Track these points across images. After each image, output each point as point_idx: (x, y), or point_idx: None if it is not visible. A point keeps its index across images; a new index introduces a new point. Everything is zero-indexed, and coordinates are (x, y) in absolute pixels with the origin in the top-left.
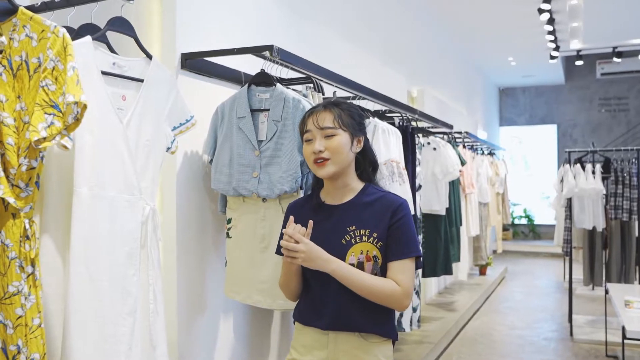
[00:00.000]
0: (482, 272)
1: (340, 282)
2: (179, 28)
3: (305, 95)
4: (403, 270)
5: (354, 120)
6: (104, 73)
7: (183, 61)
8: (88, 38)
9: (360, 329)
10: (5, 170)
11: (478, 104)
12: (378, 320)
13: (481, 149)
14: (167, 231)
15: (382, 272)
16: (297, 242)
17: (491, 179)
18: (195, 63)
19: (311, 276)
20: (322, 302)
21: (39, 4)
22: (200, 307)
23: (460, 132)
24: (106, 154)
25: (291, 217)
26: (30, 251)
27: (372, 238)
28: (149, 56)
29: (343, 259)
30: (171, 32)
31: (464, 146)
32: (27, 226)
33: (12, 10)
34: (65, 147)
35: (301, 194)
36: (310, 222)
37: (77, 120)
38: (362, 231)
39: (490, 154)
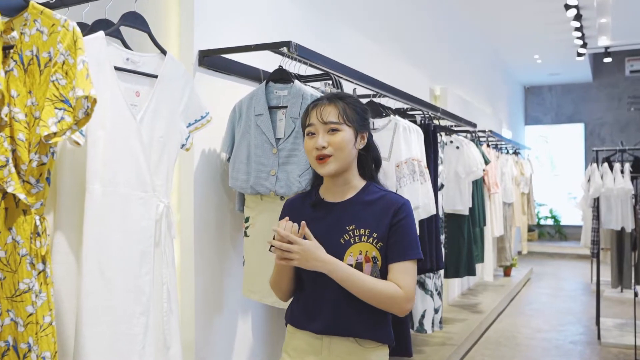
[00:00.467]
0: (507, 273)
1: (339, 284)
2: (196, 25)
3: (323, 92)
4: (405, 272)
5: (358, 116)
6: (117, 69)
7: (200, 58)
8: (101, 33)
9: (355, 334)
10: (16, 166)
11: (503, 103)
12: (374, 325)
13: (505, 148)
14: (184, 230)
15: (381, 274)
16: (290, 242)
17: (516, 178)
18: (213, 60)
19: (306, 277)
20: (316, 305)
21: (54, 0)
22: (218, 306)
23: (484, 131)
24: (119, 151)
25: (286, 217)
26: (40, 248)
27: (371, 238)
28: (163, 52)
29: (341, 259)
30: (189, 29)
31: (488, 145)
32: (38, 223)
33: (24, 5)
34: (77, 143)
35: None
36: (303, 222)
37: (88, 115)
38: (362, 231)
39: (515, 153)
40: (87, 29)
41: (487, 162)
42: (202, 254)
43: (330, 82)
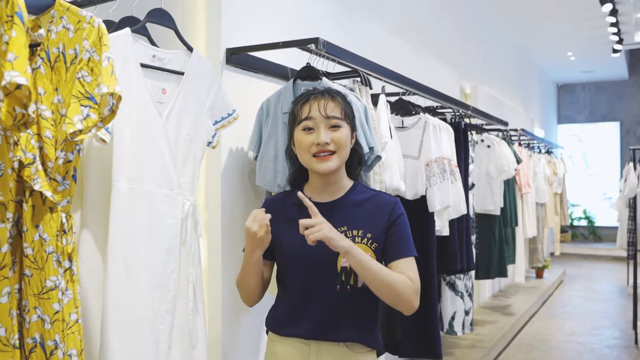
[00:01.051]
0: (539, 274)
1: (354, 267)
2: (223, 23)
3: (352, 90)
4: (411, 267)
5: (352, 114)
6: (143, 66)
7: (228, 56)
8: (127, 30)
9: (346, 338)
10: (43, 163)
11: (535, 101)
12: (364, 329)
13: (538, 147)
14: (212, 229)
15: None
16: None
17: (549, 178)
18: (241, 58)
19: (291, 280)
20: (304, 309)
21: None
22: (245, 308)
23: (515, 130)
24: (145, 148)
25: (266, 230)
26: (67, 246)
27: (366, 239)
28: (190, 48)
29: (335, 262)
30: (216, 27)
31: (520, 144)
32: (64, 220)
33: (51, 2)
34: (103, 140)
35: None
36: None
37: (113, 112)
38: (355, 232)
39: (548, 152)
40: (113, 27)
41: (518, 161)
42: (229, 253)
43: (358, 79)
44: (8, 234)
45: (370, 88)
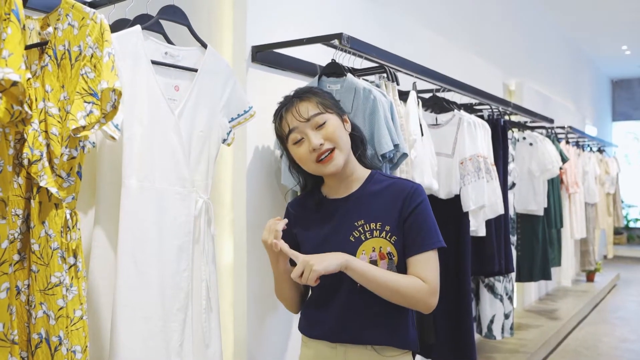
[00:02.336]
0: (590, 278)
1: (357, 279)
2: (249, 21)
3: (378, 86)
4: (427, 264)
5: (331, 101)
6: (155, 63)
7: (254, 54)
8: (137, 27)
9: (372, 341)
10: (49, 160)
11: (587, 98)
12: (392, 329)
13: (589, 145)
14: (237, 227)
15: (399, 271)
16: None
17: (600, 177)
18: (266, 56)
19: (314, 286)
20: (327, 311)
21: None
22: (271, 305)
23: (562, 127)
24: (156, 145)
25: (275, 235)
26: (71, 242)
27: (384, 232)
28: (204, 45)
29: None
30: (242, 25)
31: (567, 142)
32: (69, 217)
33: (54, 4)
34: (112, 137)
35: None
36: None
37: (115, 108)
38: (373, 225)
39: (600, 151)
40: (128, 24)
41: (565, 160)
42: (254, 252)
43: (384, 74)
44: (19, 230)
45: (397, 84)
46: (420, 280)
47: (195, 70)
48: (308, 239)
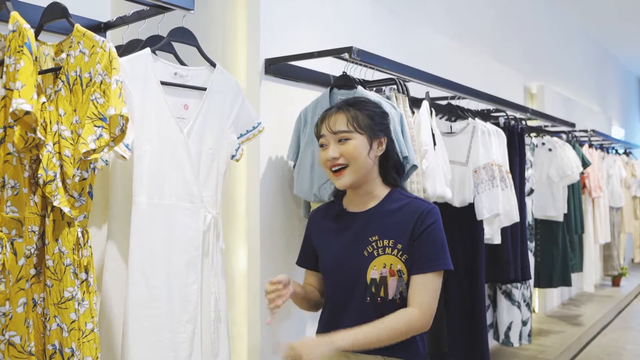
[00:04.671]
0: (616, 283)
1: (354, 350)
2: (262, 34)
3: (388, 98)
4: (425, 287)
5: (372, 121)
6: (165, 83)
7: (267, 67)
8: (147, 50)
9: (380, 351)
10: (62, 181)
11: (613, 99)
12: (403, 342)
13: (614, 148)
14: (251, 236)
15: (408, 287)
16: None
17: (626, 181)
18: (279, 68)
19: (328, 288)
20: (338, 319)
21: (115, 19)
22: (286, 312)
23: (585, 131)
24: (166, 163)
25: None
26: (83, 259)
27: (396, 250)
28: (213, 64)
29: (364, 273)
30: (255, 38)
31: (591, 145)
32: (80, 235)
33: (70, 28)
34: (123, 157)
35: None
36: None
37: (123, 132)
38: (386, 242)
39: (626, 153)
40: (141, 44)
41: (587, 164)
42: (268, 261)
43: (394, 86)
44: (35, 246)
45: (408, 95)
46: (412, 310)
47: (204, 89)
48: (326, 251)
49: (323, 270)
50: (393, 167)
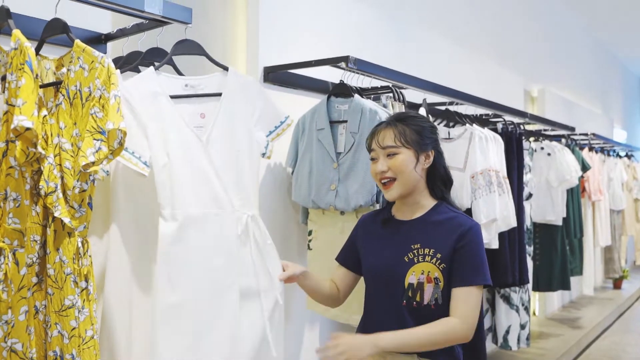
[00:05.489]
0: (617, 285)
1: (394, 350)
2: (261, 42)
3: (385, 106)
4: (466, 299)
5: (419, 136)
6: (177, 96)
7: (266, 74)
8: (150, 69)
9: (420, 353)
10: (63, 192)
11: (616, 101)
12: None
13: (615, 151)
14: None
15: (443, 296)
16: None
17: (627, 183)
18: (278, 76)
19: (368, 290)
20: (376, 321)
21: (115, 31)
22: (285, 317)
23: (586, 134)
24: (187, 173)
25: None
26: (83, 268)
27: (435, 259)
28: (225, 68)
29: (403, 277)
30: (254, 47)
31: (591, 149)
32: (80, 244)
33: (70, 43)
34: (142, 175)
35: (377, 207)
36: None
37: (121, 145)
38: (427, 250)
39: (628, 156)
40: (140, 57)
41: (586, 168)
42: None
43: (391, 94)
44: (37, 255)
45: (404, 103)
46: (454, 320)
47: (220, 94)
48: (370, 253)
49: (365, 271)
50: (440, 180)
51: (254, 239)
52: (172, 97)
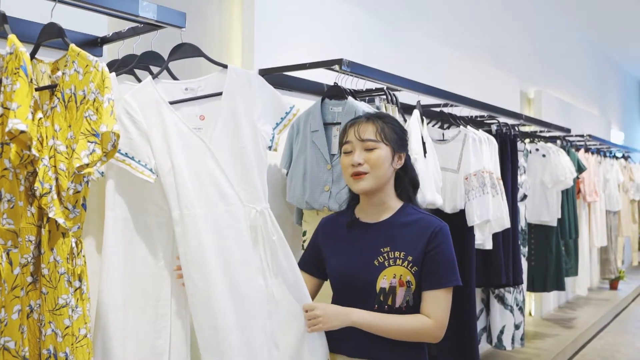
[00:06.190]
0: (613, 286)
1: (367, 330)
2: (256, 45)
3: (378, 108)
4: (437, 301)
5: (396, 135)
6: (177, 101)
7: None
8: (149, 78)
9: (385, 357)
10: (58, 193)
11: (613, 102)
12: (405, 349)
13: (611, 152)
14: None
15: (414, 298)
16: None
17: (623, 184)
18: (273, 78)
19: (337, 295)
20: (347, 329)
21: (111, 34)
22: None
23: (582, 136)
24: (193, 174)
25: None
26: (76, 267)
27: (406, 262)
28: (224, 66)
29: (374, 282)
30: (249, 49)
31: (587, 150)
32: (74, 245)
33: (66, 47)
34: (147, 181)
35: None
36: None
37: (114, 147)
38: (397, 253)
39: (624, 157)
40: (135, 60)
41: (582, 169)
42: None
43: (384, 96)
44: (31, 255)
45: (397, 105)
46: (425, 318)
47: (220, 94)
48: (334, 257)
49: (330, 276)
50: (409, 181)
51: (261, 234)
52: (173, 102)
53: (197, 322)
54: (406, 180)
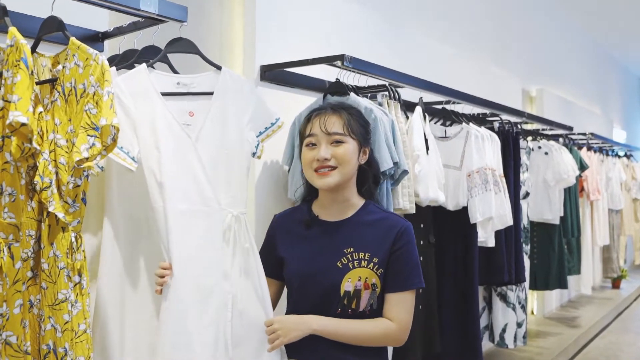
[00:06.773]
0: (616, 285)
1: (328, 337)
2: (258, 41)
3: (380, 104)
4: (402, 304)
5: (362, 128)
6: (167, 94)
7: (262, 73)
8: (143, 65)
9: None
10: (58, 187)
11: (615, 101)
12: (367, 354)
13: (613, 150)
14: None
15: (379, 300)
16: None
17: (626, 183)
18: (275, 74)
19: (296, 297)
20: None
21: (112, 29)
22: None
23: (584, 134)
24: (176, 170)
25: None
26: (76, 262)
27: (372, 264)
28: (218, 67)
29: (338, 285)
30: (251, 45)
31: (589, 148)
32: (74, 239)
33: (66, 41)
34: (130, 170)
35: None
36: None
37: (114, 141)
38: (362, 255)
39: (627, 156)
40: (137, 54)
41: (584, 167)
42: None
43: (386, 93)
44: (32, 249)
45: (399, 101)
46: (388, 322)
47: (211, 93)
48: (293, 257)
49: (289, 277)
50: (373, 178)
51: (235, 238)
52: (163, 94)
53: (165, 324)
54: (370, 176)
